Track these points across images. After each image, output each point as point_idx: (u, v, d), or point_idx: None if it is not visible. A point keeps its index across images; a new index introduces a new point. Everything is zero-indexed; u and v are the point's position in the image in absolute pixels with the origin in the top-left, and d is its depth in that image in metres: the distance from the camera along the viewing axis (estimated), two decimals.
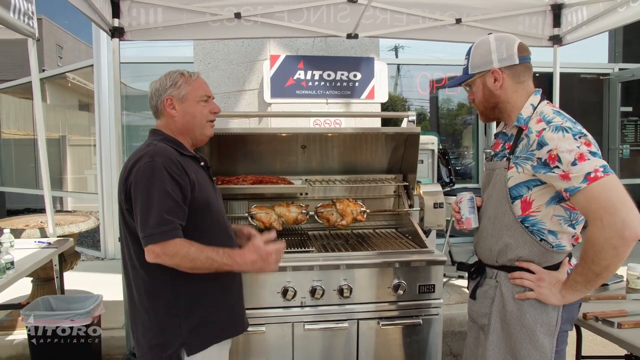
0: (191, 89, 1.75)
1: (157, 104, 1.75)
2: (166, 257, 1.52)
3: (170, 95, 1.73)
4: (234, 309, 1.79)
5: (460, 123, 7.39)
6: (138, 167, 1.58)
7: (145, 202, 1.54)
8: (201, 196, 1.66)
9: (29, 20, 2.93)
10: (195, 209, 1.64)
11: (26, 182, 7.97)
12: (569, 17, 3.39)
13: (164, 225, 1.51)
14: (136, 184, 1.57)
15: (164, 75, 1.77)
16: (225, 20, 3.18)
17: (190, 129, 1.77)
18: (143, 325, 1.67)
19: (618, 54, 7.63)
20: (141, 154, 1.61)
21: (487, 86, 1.60)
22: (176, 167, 1.59)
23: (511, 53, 1.57)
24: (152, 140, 1.70)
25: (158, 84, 1.76)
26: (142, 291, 1.65)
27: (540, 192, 1.50)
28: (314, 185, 2.78)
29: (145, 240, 1.52)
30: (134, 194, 1.57)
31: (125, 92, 6.14)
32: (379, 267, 2.21)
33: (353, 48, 4.65)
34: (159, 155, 1.59)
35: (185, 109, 1.74)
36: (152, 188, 1.54)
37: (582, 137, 1.40)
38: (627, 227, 1.28)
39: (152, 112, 1.81)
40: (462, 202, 1.71)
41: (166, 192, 1.54)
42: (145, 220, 1.53)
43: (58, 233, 3.48)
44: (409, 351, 2.29)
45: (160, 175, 1.55)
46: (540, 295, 1.51)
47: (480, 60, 1.60)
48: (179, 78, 1.74)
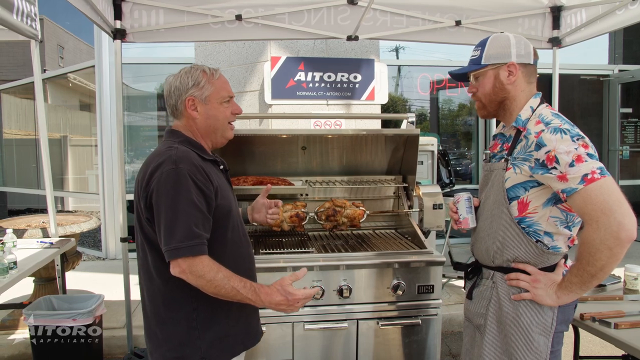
0: (214, 90, 1.61)
1: (177, 103, 1.61)
2: (191, 276, 1.43)
3: (192, 95, 1.59)
4: (252, 319, 1.72)
5: (460, 124, 7.40)
6: (160, 174, 1.46)
7: (171, 212, 1.44)
8: (224, 203, 1.57)
9: (31, 22, 2.95)
10: (218, 216, 1.54)
11: (28, 182, 7.98)
12: (568, 19, 3.40)
13: (191, 240, 1.42)
14: (159, 192, 1.45)
15: (185, 71, 1.62)
16: (226, 22, 3.20)
17: (212, 131, 1.66)
18: (157, 337, 1.58)
19: (618, 56, 7.64)
20: (163, 159, 1.48)
21: (500, 79, 1.59)
22: (201, 175, 1.49)
23: (529, 52, 1.59)
24: (172, 143, 1.56)
25: (178, 82, 1.60)
26: (158, 302, 1.56)
27: (537, 194, 1.52)
28: (314, 186, 2.80)
29: (171, 253, 1.42)
30: (157, 202, 1.45)
31: (127, 92, 6.16)
32: (378, 268, 2.23)
33: (353, 50, 4.67)
34: (183, 161, 1.47)
35: (207, 111, 1.62)
36: (177, 197, 1.43)
37: (580, 139, 1.41)
38: (622, 228, 1.29)
39: (169, 111, 1.66)
40: (459, 202, 1.72)
41: (193, 203, 1.44)
42: (171, 233, 1.42)
43: (60, 233, 3.50)
44: (408, 351, 2.31)
45: (186, 184, 1.44)
46: (535, 296, 1.53)
47: (497, 52, 1.59)
48: (201, 77, 1.60)
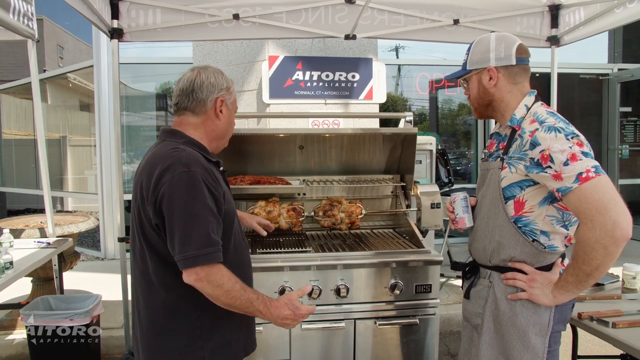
0: (234, 99, 1.68)
1: (207, 99, 1.57)
2: (208, 285, 1.38)
3: (223, 97, 1.60)
4: (251, 324, 1.71)
5: (460, 123, 7.40)
6: (172, 177, 1.39)
7: (186, 218, 1.38)
8: (229, 208, 1.54)
9: (28, 21, 2.94)
10: (225, 222, 1.50)
11: (27, 182, 7.99)
12: (567, 17, 3.39)
13: (210, 247, 1.38)
14: (172, 196, 1.39)
15: (218, 73, 1.62)
16: (223, 22, 3.18)
17: (224, 136, 1.68)
18: (152, 349, 1.52)
19: (618, 54, 7.63)
20: (171, 161, 1.42)
21: (482, 83, 1.62)
22: (212, 179, 1.46)
23: (509, 53, 1.58)
24: (176, 144, 1.51)
25: (213, 79, 1.58)
26: (158, 312, 1.50)
27: (533, 193, 1.51)
28: (312, 186, 2.80)
29: (187, 262, 1.36)
30: (169, 207, 1.39)
31: (126, 92, 6.16)
32: (376, 267, 2.22)
33: (351, 49, 4.66)
34: (195, 165, 1.43)
35: (229, 116, 1.66)
36: (193, 202, 1.39)
37: (575, 137, 1.40)
38: (617, 227, 1.28)
39: (184, 104, 1.58)
40: (455, 202, 1.73)
41: (208, 207, 1.40)
42: (187, 240, 1.37)
43: (58, 233, 3.50)
44: (405, 351, 2.30)
45: (200, 188, 1.40)
46: (532, 296, 1.52)
47: (478, 57, 1.62)
48: (230, 84, 1.65)
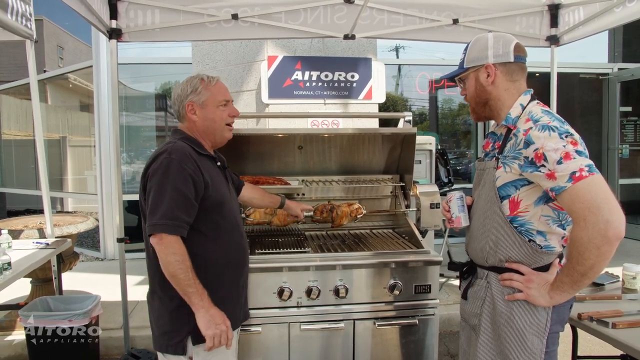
0: (211, 95, 1.82)
1: (180, 109, 1.84)
2: (163, 250, 1.61)
3: (191, 101, 1.81)
4: (240, 299, 1.89)
5: (460, 123, 7.39)
6: (156, 162, 1.68)
7: (157, 193, 1.64)
8: (215, 195, 1.75)
9: (26, 22, 2.94)
10: (209, 207, 1.73)
11: (27, 182, 7.98)
12: (566, 17, 3.39)
13: (170, 220, 1.61)
14: (152, 176, 1.67)
15: (185, 80, 1.85)
16: (222, 22, 3.17)
17: (211, 132, 1.86)
18: (154, 312, 1.79)
19: (618, 54, 7.62)
20: (161, 151, 1.72)
21: (480, 81, 1.61)
22: (192, 164, 1.69)
23: (507, 51, 1.58)
24: (174, 139, 1.80)
25: (179, 90, 1.83)
26: (155, 279, 1.75)
27: (528, 192, 1.50)
28: (311, 186, 2.79)
29: (150, 228, 1.62)
30: (149, 185, 1.67)
31: (125, 92, 6.15)
32: (375, 268, 2.22)
33: (350, 49, 4.66)
34: (176, 152, 1.69)
35: (205, 114, 1.82)
36: (165, 181, 1.64)
37: (569, 136, 1.39)
38: (610, 226, 1.27)
39: (175, 115, 1.90)
40: (451, 201, 1.72)
41: (178, 188, 1.64)
42: (154, 210, 1.63)
43: (57, 234, 3.49)
44: (405, 351, 2.29)
45: (175, 171, 1.65)
46: (528, 297, 1.51)
47: (476, 55, 1.62)
48: (199, 84, 1.82)
